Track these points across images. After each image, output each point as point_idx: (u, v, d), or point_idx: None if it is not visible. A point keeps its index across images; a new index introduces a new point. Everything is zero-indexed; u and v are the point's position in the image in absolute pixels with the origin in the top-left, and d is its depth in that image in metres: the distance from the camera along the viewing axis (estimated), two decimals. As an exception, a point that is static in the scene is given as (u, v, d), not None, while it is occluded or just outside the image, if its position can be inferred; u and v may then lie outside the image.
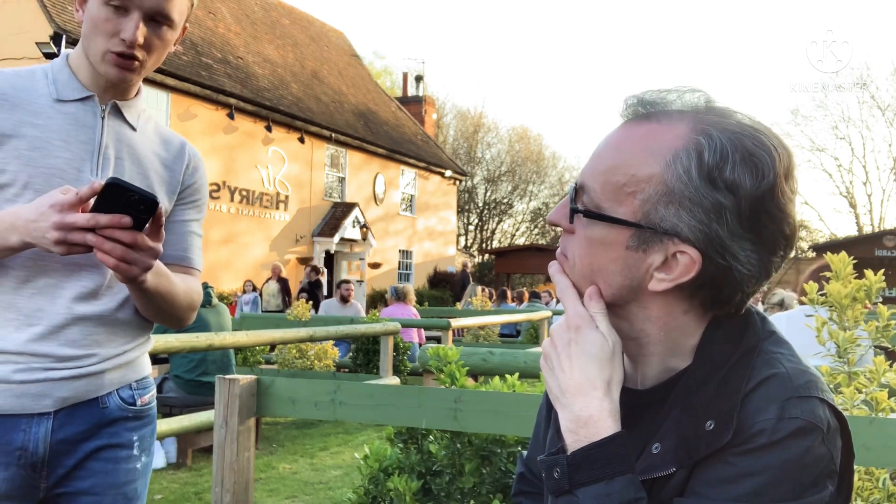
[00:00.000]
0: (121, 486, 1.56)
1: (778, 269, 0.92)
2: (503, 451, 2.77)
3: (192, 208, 1.69)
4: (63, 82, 1.53)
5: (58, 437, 1.49)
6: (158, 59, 1.55)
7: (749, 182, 0.85)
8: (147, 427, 1.63)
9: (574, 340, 0.92)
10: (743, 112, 0.92)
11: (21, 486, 1.47)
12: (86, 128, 1.52)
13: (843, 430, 0.89)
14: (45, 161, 1.47)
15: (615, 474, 0.85)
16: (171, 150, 1.66)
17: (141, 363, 1.64)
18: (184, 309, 1.60)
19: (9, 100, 1.48)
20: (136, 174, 1.57)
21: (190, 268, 1.67)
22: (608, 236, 0.91)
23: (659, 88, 0.95)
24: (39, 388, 1.46)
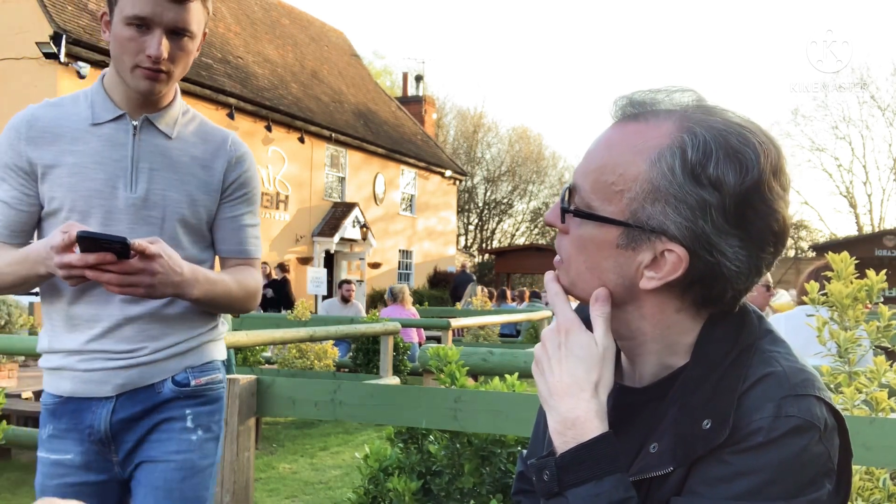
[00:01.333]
0: (174, 454, 1.68)
1: (770, 265, 0.92)
2: (503, 452, 2.76)
3: (240, 202, 1.77)
4: (99, 104, 1.67)
5: (117, 417, 1.66)
6: (185, 67, 1.66)
7: (733, 178, 0.86)
8: (205, 406, 1.74)
9: (563, 343, 0.92)
10: (733, 110, 0.92)
11: (95, 459, 1.68)
12: (118, 146, 1.65)
13: (841, 429, 0.89)
14: (83, 185, 1.63)
15: (604, 474, 0.85)
16: (210, 150, 1.74)
17: (202, 351, 1.75)
18: (241, 301, 1.75)
19: (50, 132, 1.65)
20: (172, 181, 1.68)
21: (248, 258, 1.81)
22: (598, 235, 0.92)
23: (649, 88, 0.95)
24: (100, 376, 1.65)
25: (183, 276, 1.56)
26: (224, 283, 1.70)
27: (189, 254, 1.69)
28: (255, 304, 1.82)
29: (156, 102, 1.68)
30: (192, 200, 1.69)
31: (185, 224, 1.70)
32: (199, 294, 1.62)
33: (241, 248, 1.80)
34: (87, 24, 14.16)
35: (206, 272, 1.66)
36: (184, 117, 1.74)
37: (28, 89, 13.61)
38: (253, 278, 1.79)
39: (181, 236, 1.69)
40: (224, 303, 1.72)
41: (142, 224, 1.65)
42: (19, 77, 13.70)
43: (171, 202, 1.67)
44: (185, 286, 1.58)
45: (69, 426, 1.67)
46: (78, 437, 1.67)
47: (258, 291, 1.80)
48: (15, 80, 13.73)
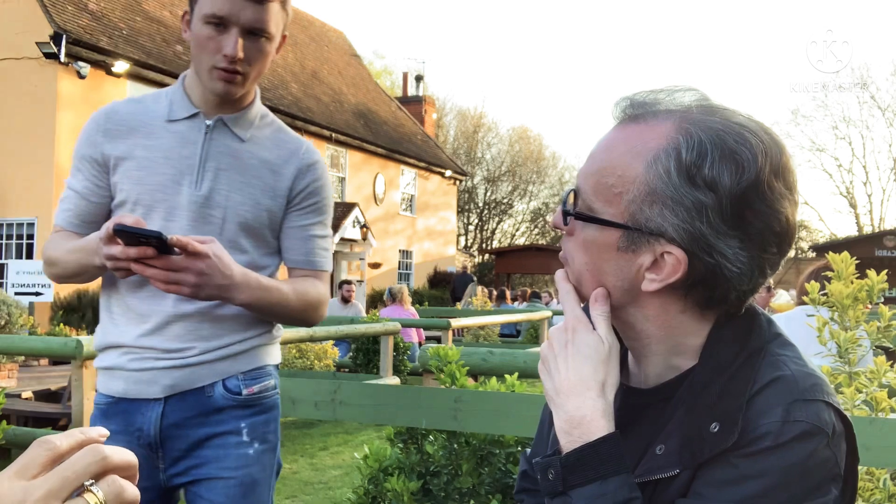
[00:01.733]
0: (233, 471, 1.64)
1: (775, 266, 0.91)
2: (501, 452, 2.76)
3: (309, 212, 1.74)
4: (177, 102, 1.69)
5: (168, 422, 1.63)
6: (261, 70, 1.67)
7: (728, 179, 0.85)
8: (260, 416, 1.69)
9: (570, 342, 0.92)
10: (737, 110, 0.91)
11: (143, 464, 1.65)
12: (190, 144, 1.66)
13: (848, 434, 0.88)
14: (149, 178, 1.64)
15: (609, 475, 0.85)
16: (282, 156, 1.72)
17: (254, 355, 1.70)
18: (299, 312, 1.70)
19: (125, 125, 1.67)
20: (238, 183, 1.67)
21: (315, 270, 1.76)
22: (600, 238, 0.92)
23: (651, 89, 0.95)
24: (149, 376, 1.63)
25: (231, 280, 1.53)
26: (280, 292, 1.65)
27: (251, 258, 1.67)
28: (317, 317, 1.76)
29: (232, 104, 1.68)
30: (255, 203, 1.67)
31: (247, 227, 1.67)
32: (246, 299, 1.58)
33: (308, 258, 1.75)
34: (87, 24, 14.16)
35: (261, 278, 1.63)
36: (261, 121, 1.73)
37: (28, 89, 13.60)
38: (316, 290, 1.73)
39: (242, 239, 1.67)
40: (279, 311, 1.68)
41: (203, 223, 1.64)
42: (19, 77, 13.69)
43: (233, 203, 1.65)
44: (232, 290, 1.55)
45: (119, 428, 1.65)
46: (126, 440, 1.63)
47: (321, 304, 1.75)
48: (15, 80, 13.72)
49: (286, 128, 1.79)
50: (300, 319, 1.73)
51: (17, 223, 14.10)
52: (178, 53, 16.27)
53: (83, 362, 4.18)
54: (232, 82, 1.61)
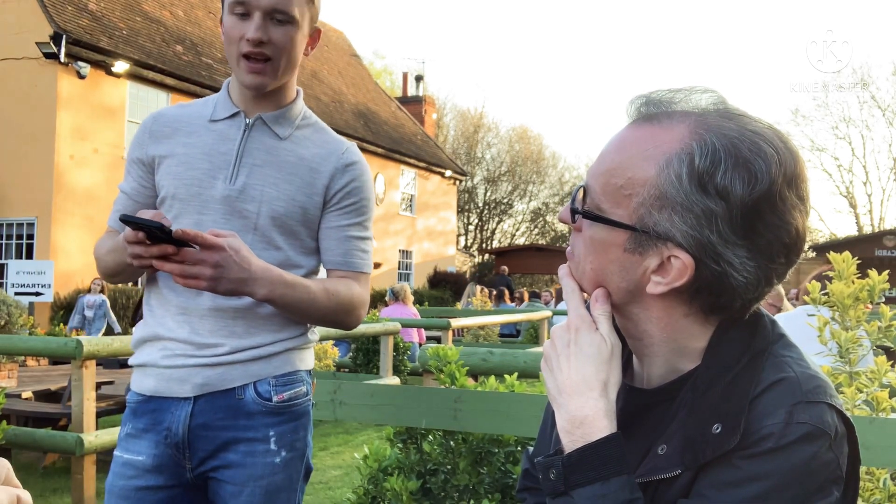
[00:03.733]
0: (259, 479, 1.62)
1: (782, 276, 0.91)
2: (501, 451, 2.76)
3: (347, 213, 1.71)
4: (221, 103, 1.72)
5: (197, 422, 1.62)
6: (289, 60, 1.65)
7: (741, 189, 0.84)
8: (288, 423, 1.66)
9: (573, 341, 0.92)
10: (752, 115, 0.90)
11: (169, 464, 1.63)
12: (228, 141, 1.68)
13: (851, 436, 0.88)
14: (187, 174, 1.66)
15: (611, 475, 0.85)
16: (321, 154, 1.71)
17: (287, 358, 1.68)
18: (331, 312, 1.67)
19: (170, 126, 1.71)
20: (273, 178, 1.66)
21: (353, 272, 1.73)
22: (607, 238, 0.91)
23: (668, 88, 0.94)
24: (181, 374, 1.62)
25: (250, 273, 1.52)
26: (307, 290, 1.62)
27: (285, 255, 1.67)
28: (352, 319, 1.73)
29: (272, 102, 1.69)
30: (290, 200, 1.66)
31: (281, 223, 1.66)
32: (268, 294, 1.56)
33: (346, 259, 1.72)
34: (87, 24, 14.16)
35: (285, 275, 1.59)
36: (302, 121, 1.74)
37: (28, 89, 13.61)
38: (351, 291, 1.70)
39: (276, 235, 1.66)
40: (306, 310, 1.64)
41: (236, 217, 1.64)
42: (19, 77, 13.69)
43: (267, 198, 1.65)
44: (251, 283, 1.53)
45: (147, 426, 1.64)
46: (154, 439, 1.63)
47: (357, 306, 1.71)
48: (15, 80, 13.72)
49: (328, 129, 1.79)
50: (332, 321, 1.70)
51: (17, 223, 14.10)
52: (178, 53, 16.27)
53: (83, 362, 4.18)
54: (261, 72, 1.62)
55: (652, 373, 0.97)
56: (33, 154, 13.59)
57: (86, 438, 4.15)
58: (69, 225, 13.83)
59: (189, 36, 17.29)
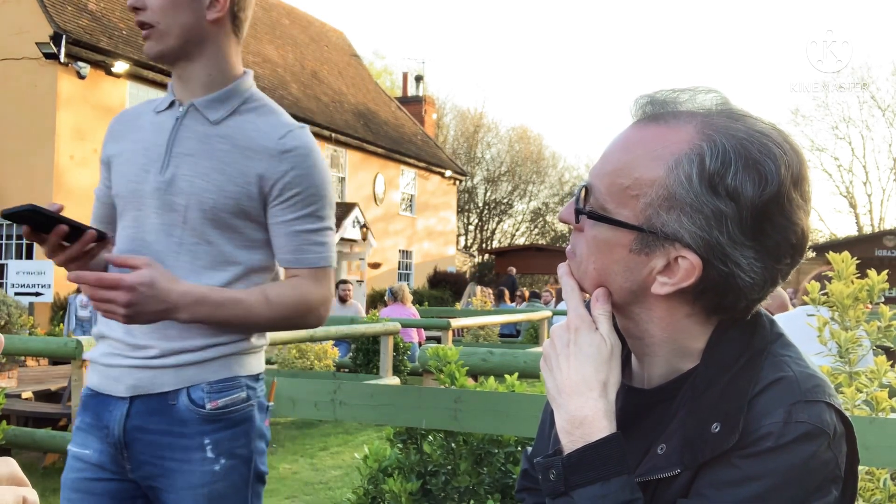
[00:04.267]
0: (198, 488, 1.57)
1: (786, 276, 0.91)
2: (500, 452, 2.76)
3: (292, 205, 1.60)
4: (167, 94, 1.69)
5: (133, 424, 1.59)
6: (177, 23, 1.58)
7: (751, 190, 0.84)
8: (226, 430, 1.59)
9: (573, 341, 0.92)
10: (757, 116, 0.90)
11: (111, 461, 1.62)
12: (163, 132, 1.64)
13: (849, 435, 0.88)
14: (127, 170, 1.64)
15: (611, 475, 0.85)
16: (256, 140, 1.60)
17: (224, 364, 1.60)
18: (276, 320, 1.59)
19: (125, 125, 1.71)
20: (203, 168, 1.59)
21: (306, 268, 1.63)
22: (612, 238, 0.91)
23: (672, 88, 0.93)
24: (116, 373, 1.61)
25: (168, 304, 1.47)
26: (239, 305, 1.54)
27: (219, 250, 1.59)
28: (310, 320, 1.63)
29: (206, 85, 1.63)
30: (220, 191, 1.57)
31: (213, 216, 1.58)
32: (190, 318, 1.51)
33: (297, 256, 1.62)
34: (87, 24, 14.16)
35: (212, 294, 1.53)
36: (244, 105, 1.64)
37: (28, 89, 13.60)
38: (300, 291, 1.61)
39: (207, 229, 1.58)
40: (242, 324, 1.58)
41: (167, 210, 1.59)
42: (19, 77, 13.69)
43: (196, 189, 1.57)
44: (172, 312, 1.49)
45: (92, 421, 1.64)
46: (98, 435, 1.62)
47: (312, 306, 1.62)
48: (15, 80, 13.72)
49: (278, 111, 1.68)
50: (283, 326, 1.63)
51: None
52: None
53: (83, 362, 4.18)
54: (147, 38, 1.59)
55: (651, 373, 0.97)
56: (33, 154, 13.59)
57: (86, 438, 4.14)
58: (69, 225, 13.80)
59: (189, 36, 17.29)
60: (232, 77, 1.66)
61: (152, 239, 1.60)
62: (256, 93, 1.69)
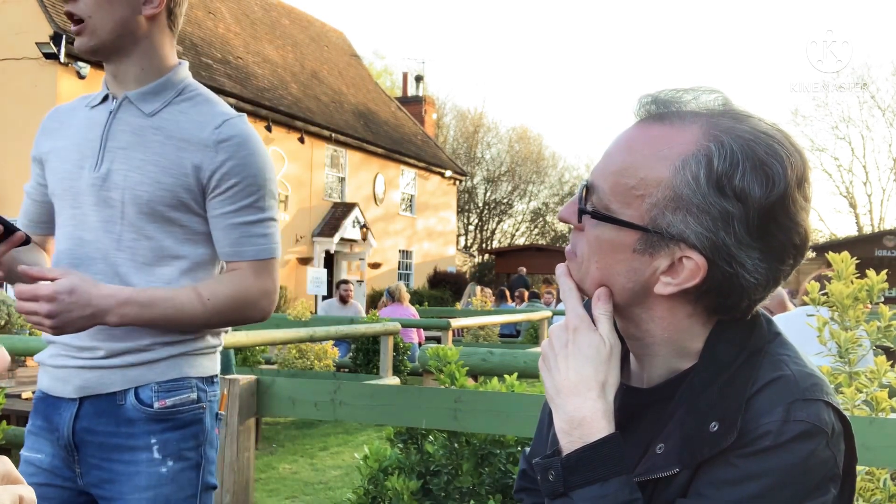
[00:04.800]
0: (144, 490, 1.54)
1: (788, 276, 0.91)
2: (502, 452, 2.76)
3: (230, 197, 1.56)
4: (101, 90, 1.64)
5: (81, 425, 1.57)
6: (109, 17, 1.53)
7: (758, 191, 0.84)
8: (174, 431, 1.57)
9: (571, 341, 0.92)
10: (759, 116, 0.90)
11: (62, 465, 1.59)
12: (96, 126, 1.60)
13: (847, 434, 0.88)
14: (61, 167, 1.61)
15: (610, 476, 0.85)
16: (189, 131, 1.56)
17: (172, 365, 1.58)
18: (210, 317, 1.55)
19: (58, 121, 1.67)
20: (137, 161, 1.54)
21: (246, 261, 1.58)
22: (616, 238, 0.91)
23: (675, 88, 0.93)
24: (63, 374, 1.58)
25: (93, 308, 1.46)
26: (170, 303, 1.51)
27: (159, 245, 1.56)
28: (252, 314, 1.60)
29: (139, 77, 1.59)
30: (156, 183, 1.53)
31: (150, 210, 1.54)
32: (119, 321, 1.49)
33: (235, 249, 1.58)
34: (86, 24, 14.17)
35: (138, 294, 1.50)
36: (178, 96, 1.61)
37: (28, 89, 13.60)
38: (237, 285, 1.57)
39: (145, 224, 1.54)
40: (175, 323, 1.54)
41: (103, 206, 1.55)
42: (19, 77, 13.69)
43: (132, 183, 1.53)
44: (99, 317, 1.47)
45: (42, 424, 1.62)
46: (49, 438, 1.60)
47: (253, 299, 1.58)
48: (15, 80, 13.72)
49: (215, 101, 1.63)
50: (222, 322, 1.59)
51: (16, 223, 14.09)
52: (178, 53, 16.25)
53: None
54: (78, 33, 1.55)
55: (650, 372, 0.97)
56: (33, 154, 13.59)
57: (86, 438, 4.14)
58: (69, 225, 13.81)
59: (189, 36, 17.28)
60: (166, 69, 1.63)
61: (91, 237, 1.57)
62: (192, 83, 1.65)
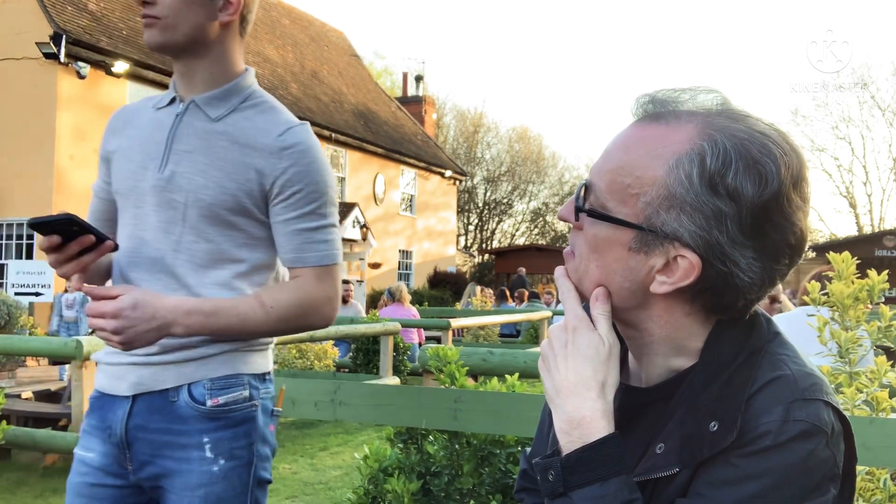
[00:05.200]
0: (195, 489, 1.55)
1: (784, 276, 0.91)
2: (502, 452, 2.76)
3: (293, 204, 1.58)
4: (169, 91, 1.67)
5: (134, 423, 1.58)
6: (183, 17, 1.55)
7: (751, 190, 0.84)
8: (226, 430, 1.57)
9: (571, 341, 0.92)
10: (757, 116, 0.90)
11: (114, 463, 1.60)
12: (163, 128, 1.62)
13: (847, 434, 0.88)
14: (126, 167, 1.63)
15: (609, 476, 0.85)
16: (254, 138, 1.58)
17: (225, 361, 1.58)
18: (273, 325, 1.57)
19: (123, 120, 1.70)
20: (202, 165, 1.57)
21: (308, 268, 1.60)
22: (611, 236, 0.91)
23: (673, 88, 0.94)
24: (118, 372, 1.60)
25: (159, 321, 1.49)
26: (233, 313, 1.53)
27: (218, 248, 1.58)
28: (315, 320, 1.61)
29: (207, 82, 1.62)
30: (219, 187, 1.55)
31: (211, 214, 1.56)
32: (185, 332, 1.52)
33: (298, 255, 1.59)
34: (87, 24, 14.16)
35: (203, 304, 1.53)
36: (244, 102, 1.63)
37: (28, 89, 13.60)
38: (300, 292, 1.58)
39: (207, 226, 1.56)
40: (239, 332, 1.56)
41: (165, 208, 1.57)
42: (19, 77, 13.69)
43: (195, 186, 1.55)
44: (166, 328, 1.50)
45: (97, 423, 1.62)
46: (101, 437, 1.61)
47: (316, 305, 1.59)
48: (15, 80, 13.72)
49: (279, 109, 1.66)
50: (285, 330, 1.60)
51: (17, 223, 14.09)
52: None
53: (83, 362, 4.18)
54: (149, 27, 1.56)
55: (650, 371, 0.97)
56: (33, 154, 13.59)
57: (86, 438, 4.14)
58: (69, 225, 13.80)
59: (189, 36, 17.30)
60: (234, 74, 1.65)
61: (151, 237, 1.59)
62: (258, 90, 1.68)
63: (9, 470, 5.44)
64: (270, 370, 1.69)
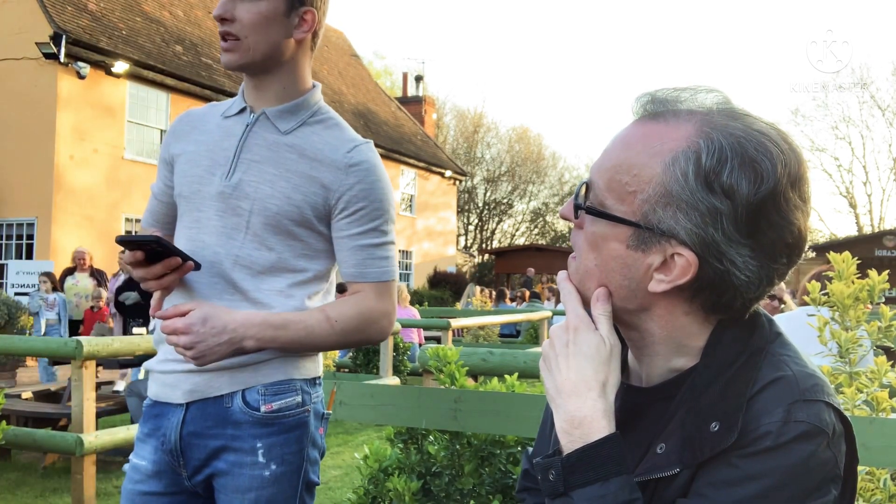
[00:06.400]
0: (246, 492, 1.57)
1: (783, 275, 0.91)
2: (502, 453, 2.76)
3: (357, 220, 1.61)
4: (237, 99, 1.70)
5: (188, 430, 1.60)
6: (263, 38, 1.57)
7: (746, 187, 0.84)
8: (279, 436, 1.60)
9: (572, 341, 0.92)
10: (757, 115, 0.91)
11: (167, 470, 1.63)
12: (232, 137, 1.64)
13: (848, 435, 0.88)
14: (191, 171, 1.65)
15: (610, 475, 0.85)
16: (323, 153, 1.62)
17: (278, 367, 1.61)
18: (337, 339, 1.60)
19: (189, 125, 1.72)
20: (269, 175, 1.60)
21: (369, 283, 1.64)
22: (610, 234, 0.91)
23: (674, 87, 0.94)
24: (172, 380, 1.62)
25: (230, 335, 1.51)
26: (301, 326, 1.56)
27: (279, 257, 1.60)
28: (372, 334, 1.64)
29: (279, 95, 1.64)
30: (285, 198, 1.58)
31: (275, 223, 1.59)
32: (256, 345, 1.54)
33: (360, 271, 1.63)
34: (87, 24, 14.16)
35: (272, 318, 1.55)
36: (313, 117, 1.67)
37: (28, 89, 13.60)
38: (362, 306, 1.62)
39: (269, 235, 1.59)
40: (306, 345, 1.59)
41: (229, 214, 1.60)
42: (19, 77, 13.69)
43: (262, 195, 1.58)
44: (237, 342, 1.52)
45: (151, 431, 1.64)
46: (155, 444, 1.62)
47: (374, 319, 1.63)
48: (15, 80, 13.72)
49: (344, 126, 1.70)
50: (346, 343, 1.64)
51: (17, 223, 14.10)
52: (178, 53, 16.26)
53: (83, 363, 4.18)
54: (228, 51, 1.59)
55: (651, 371, 0.97)
56: (33, 154, 13.59)
57: (86, 439, 4.14)
58: (69, 225, 13.82)
59: (189, 36, 17.29)
60: (304, 89, 1.68)
61: (212, 241, 1.61)
62: (324, 106, 1.71)
63: (8, 470, 5.44)
64: (321, 374, 1.72)
